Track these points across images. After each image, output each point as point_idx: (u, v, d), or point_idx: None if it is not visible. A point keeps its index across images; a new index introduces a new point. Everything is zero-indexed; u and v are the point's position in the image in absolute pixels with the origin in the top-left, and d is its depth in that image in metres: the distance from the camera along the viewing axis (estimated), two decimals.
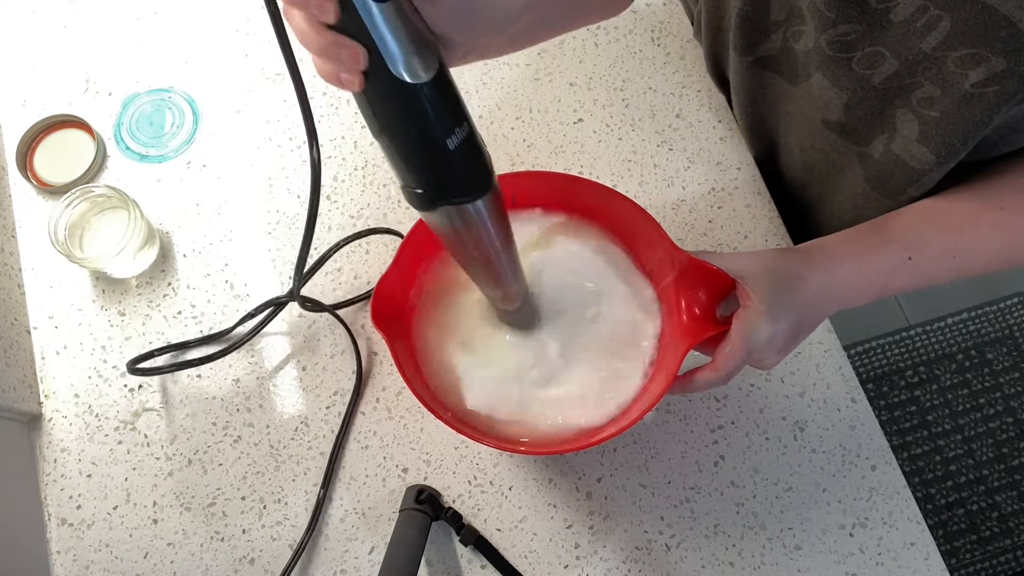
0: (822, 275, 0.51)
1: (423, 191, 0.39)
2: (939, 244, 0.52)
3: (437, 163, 0.38)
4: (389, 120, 0.36)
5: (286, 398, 0.66)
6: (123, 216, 0.66)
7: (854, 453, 0.64)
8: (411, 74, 0.34)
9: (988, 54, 0.44)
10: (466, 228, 0.42)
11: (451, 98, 0.37)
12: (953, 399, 1.57)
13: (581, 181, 0.59)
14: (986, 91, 0.45)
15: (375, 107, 0.36)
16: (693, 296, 0.55)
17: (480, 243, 0.44)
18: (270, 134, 0.75)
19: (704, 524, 0.62)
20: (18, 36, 0.78)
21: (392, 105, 0.36)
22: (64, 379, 0.66)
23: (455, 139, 0.37)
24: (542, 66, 0.77)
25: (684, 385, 0.54)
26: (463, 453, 0.64)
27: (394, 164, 0.39)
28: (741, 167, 0.73)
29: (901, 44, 0.48)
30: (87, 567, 0.61)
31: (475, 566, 0.61)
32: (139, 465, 0.64)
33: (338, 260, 0.70)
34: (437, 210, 0.41)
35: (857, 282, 0.52)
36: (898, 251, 0.51)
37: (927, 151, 0.52)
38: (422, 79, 0.34)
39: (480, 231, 0.43)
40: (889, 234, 0.53)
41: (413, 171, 0.39)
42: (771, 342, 0.50)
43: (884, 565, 0.61)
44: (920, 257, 0.51)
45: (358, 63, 0.33)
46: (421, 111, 0.36)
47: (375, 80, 0.34)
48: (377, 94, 0.35)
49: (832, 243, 0.53)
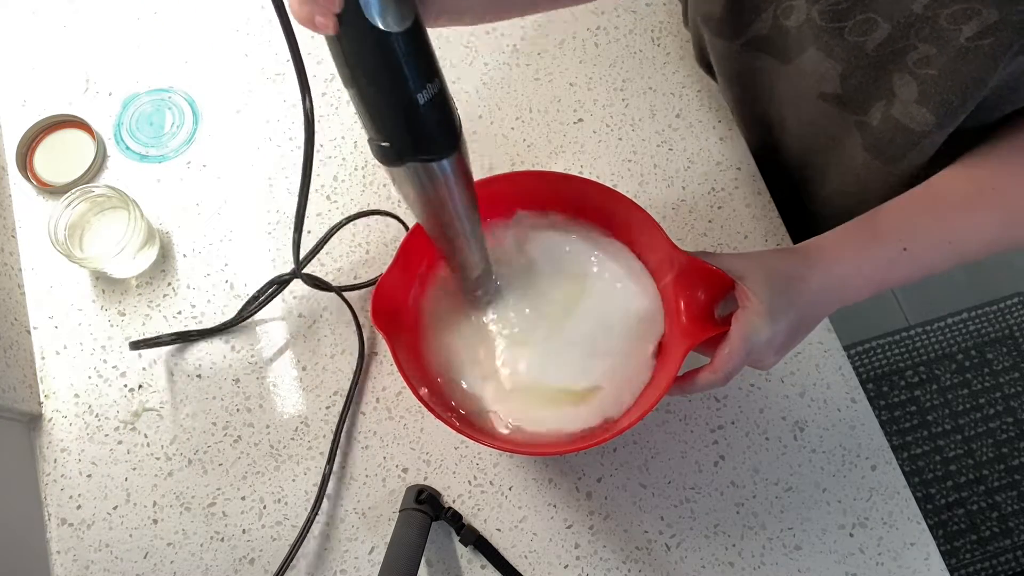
0: (821, 273, 0.51)
1: (389, 144, 0.40)
2: (934, 232, 0.51)
3: (406, 117, 0.38)
4: (361, 68, 0.37)
5: (286, 398, 0.66)
6: (123, 216, 0.66)
7: (854, 453, 0.64)
8: (385, 22, 0.34)
9: (979, 6, 0.44)
10: (432, 187, 0.43)
11: (424, 53, 0.37)
12: (953, 399, 1.57)
13: (581, 181, 0.59)
14: (982, 43, 0.45)
15: (348, 55, 0.36)
16: (692, 296, 0.55)
17: (443, 204, 0.44)
18: (270, 134, 0.75)
19: (704, 524, 0.62)
20: (18, 36, 0.78)
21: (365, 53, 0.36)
22: (64, 379, 0.66)
23: (425, 94, 0.38)
24: (542, 66, 0.77)
25: (683, 386, 0.54)
26: (463, 453, 0.64)
27: (362, 115, 0.39)
28: (741, 167, 0.73)
29: (892, 7, 0.48)
30: (87, 567, 0.61)
31: (475, 566, 0.61)
32: (139, 465, 0.64)
33: (339, 260, 0.70)
34: (403, 167, 0.41)
35: (856, 278, 0.52)
36: (894, 243, 0.51)
37: (927, 111, 0.51)
38: (396, 28, 0.35)
39: (444, 192, 0.43)
40: (883, 226, 0.52)
41: (381, 123, 0.39)
42: (770, 343, 0.50)
43: (884, 565, 0.61)
44: (916, 247, 0.51)
45: (333, 5, 0.33)
46: (393, 61, 0.36)
47: (349, 25, 0.34)
48: (350, 40, 0.35)
49: (828, 241, 0.53)
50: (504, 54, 0.77)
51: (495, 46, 0.77)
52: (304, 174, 0.45)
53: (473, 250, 0.52)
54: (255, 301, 0.67)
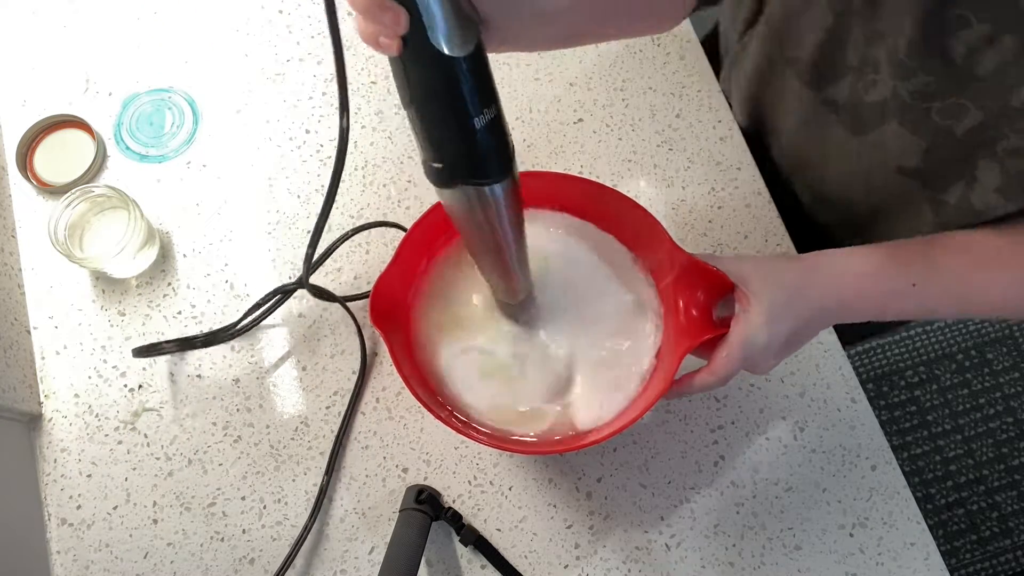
0: (823, 289, 0.51)
1: (442, 167, 0.40)
2: (948, 278, 0.51)
3: (461, 140, 0.38)
4: (421, 90, 0.37)
5: (286, 398, 0.66)
6: (123, 216, 0.66)
7: (854, 453, 0.64)
8: (449, 46, 0.34)
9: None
10: (481, 211, 0.42)
11: (484, 78, 0.37)
12: (953, 399, 1.57)
13: (582, 181, 0.59)
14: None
15: (409, 75, 0.36)
16: (692, 297, 0.55)
17: (492, 229, 0.44)
18: (270, 134, 0.75)
19: (704, 524, 0.62)
20: (18, 36, 0.78)
21: (426, 75, 0.36)
22: (64, 379, 0.66)
23: (482, 119, 0.37)
24: (542, 66, 0.77)
25: (680, 388, 0.54)
26: (463, 453, 0.64)
27: (419, 136, 0.39)
28: (741, 167, 0.73)
29: (986, 97, 0.47)
30: (87, 567, 0.61)
31: (475, 566, 0.61)
32: (139, 465, 0.64)
33: (339, 260, 0.70)
34: (454, 188, 0.41)
35: (858, 301, 0.51)
36: (904, 275, 0.50)
37: (1003, 199, 0.51)
38: (459, 53, 0.35)
39: (493, 216, 0.43)
40: (901, 257, 0.51)
41: (436, 145, 0.39)
42: (767, 349, 0.50)
43: (884, 565, 0.61)
44: (925, 286, 0.50)
45: (399, 26, 0.33)
46: (453, 85, 0.36)
47: (413, 47, 0.34)
48: (413, 62, 0.35)
49: (839, 257, 0.52)
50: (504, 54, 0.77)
51: None
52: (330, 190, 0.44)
53: (518, 276, 0.52)
54: (259, 309, 0.66)
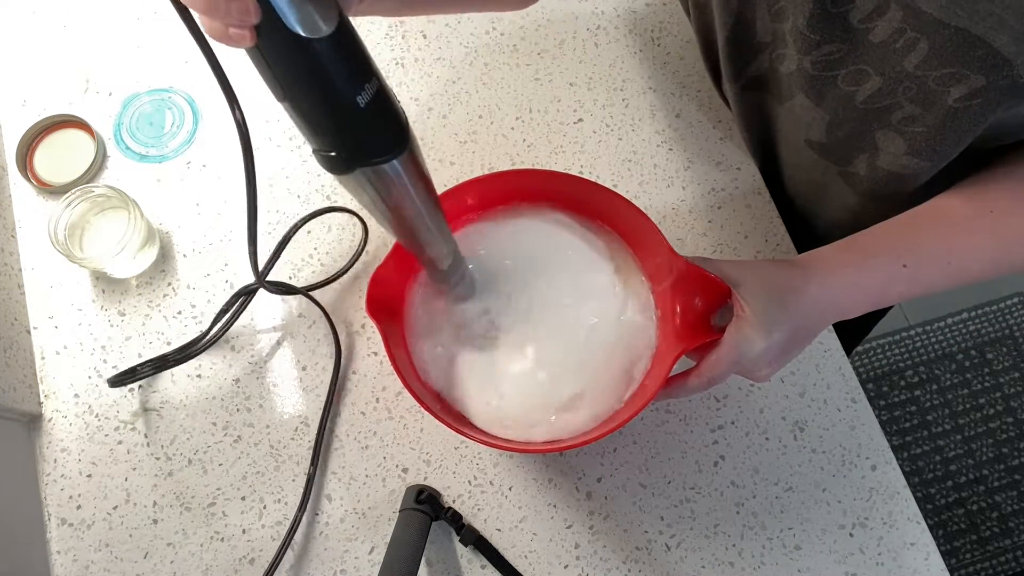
0: (818, 287, 0.51)
1: (336, 154, 0.37)
2: (935, 250, 0.51)
3: (348, 123, 0.36)
4: (290, 81, 0.34)
5: (286, 398, 0.66)
6: (123, 216, 0.66)
7: (854, 453, 0.64)
8: (307, 27, 0.32)
9: (967, 72, 0.44)
10: (387, 190, 0.40)
11: (356, 52, 0.35)
12: (953, 399, 1.57)
13: (582, 181, 0.59)
14: (970, 104, 0.46)
15: (273, 67, 0.33)
16: (688, 302, 0.55)
17: (402, 205, 0.42)
18: (270, 134, 0.75)
19: (704, 524, 0.62)
20: (18, 36, 0.78)
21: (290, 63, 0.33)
22: (64, 379, 0.66)
23: (364, 96, 0.35)
24: (542, 66, 0.77)
25: (669, 390, 0.54)
26: (463, 453, 0.64)
27: (302, 128, 0.37)
28: (741, 167, 0.73)
29: (883, 63, 0.49)
30: (87, 567, 0.61)
31: (475, 566, 0.61)
32: (139, 465, 0.64)
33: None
34: (353, 173, 0.39)
35: (853, 292, 0.51)
36: (893, 259, 0.51)
37: (919, 160, 0.52)
38: (319, 33, 0.32)
39: (400, 192, 0.41)
40: (884, 242, 0.52)
41: (323, 133, 0.37)
42: (764, 355, 0.50)
43: (884, 565, 0.61)
44: (916, 264, 0.51)
45: (249, 15, 0.30)
46: (323, 68, 0.33)
47: (269, 35, 0.31)
48: (273, 52, 0.32)
49: (828, 254, 0.53)
50: (504, 54, 0.77)
51: (495, 46, 0.77)
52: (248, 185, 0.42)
53: (439, 243, 0.50)
54: (224, 315, 0.65)
